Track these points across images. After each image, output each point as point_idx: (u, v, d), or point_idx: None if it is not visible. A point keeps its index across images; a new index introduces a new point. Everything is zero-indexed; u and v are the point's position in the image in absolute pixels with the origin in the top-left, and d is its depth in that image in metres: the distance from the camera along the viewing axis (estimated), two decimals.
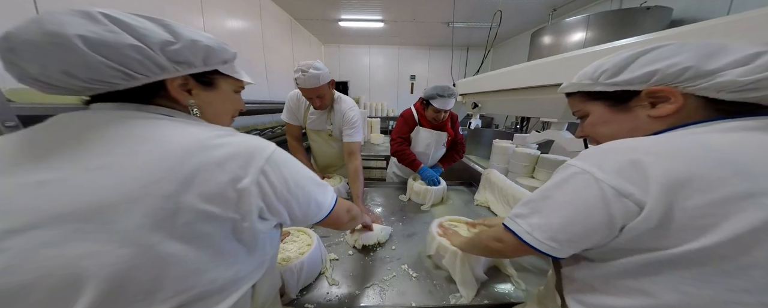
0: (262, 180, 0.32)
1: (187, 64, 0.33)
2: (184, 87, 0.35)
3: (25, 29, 0.25)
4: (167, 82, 0.33)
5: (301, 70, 0.94)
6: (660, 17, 1.84)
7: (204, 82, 0.38)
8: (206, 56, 0.35)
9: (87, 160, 0.26)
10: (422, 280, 0.67)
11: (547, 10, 2.84)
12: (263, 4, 2.64)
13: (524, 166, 1.46)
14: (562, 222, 0.33)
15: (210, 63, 0.36)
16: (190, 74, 0.35)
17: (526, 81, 0.85)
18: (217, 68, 0.38)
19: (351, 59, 4.78)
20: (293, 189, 0.36)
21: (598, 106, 0.40)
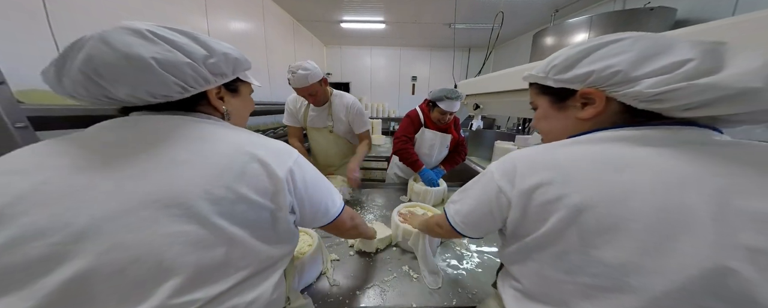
0: (290, 178, 0.37)
1: (222, 75, 0.39)
2: (218, 95, 0.40)
3: (101, 51, 0.28)
4: (208, 92, 0.38)
5: (291, 71, 1.01)
6: (664, 18, 1.82)
7: (231, 90, 0.43)
8: (235, 66, 0.41)
9: (168, 156, 0.30)
10: (422, 281, 0.66)
11: (549, 11, 2.83)
12: (266, 6, 2.67)
13: None
14: (469, 209, 0.42)
15: (236, 72, 0.42)
16: (223, 84, 0.40)
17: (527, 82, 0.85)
18: (239, 76, 0.43)
19: (352, 60, 4.80)
20: (310, 189, 0.40)
21: (544, 100, 0.42)
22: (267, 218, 0.35)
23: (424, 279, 0.66)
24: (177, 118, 0.34)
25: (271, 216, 0.35)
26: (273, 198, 0.35)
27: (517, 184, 0.34)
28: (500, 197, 0.36)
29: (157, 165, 0.29)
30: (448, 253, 0.79)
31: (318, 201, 0.43)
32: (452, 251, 0.81)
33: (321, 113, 1.22)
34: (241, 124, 0.46)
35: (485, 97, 1.25)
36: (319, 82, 1.05)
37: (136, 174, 0.29)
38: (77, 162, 0.28)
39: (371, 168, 2.64)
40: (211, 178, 0.30)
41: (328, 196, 0.46)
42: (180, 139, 0.32)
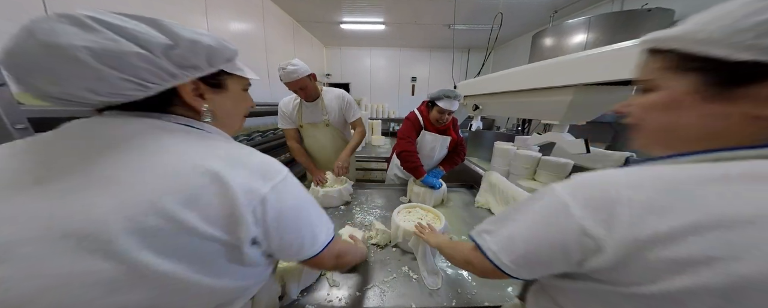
0: (259, 207, 0.30)
1: (194, 67, 0.31)
2: (196, 92, 0.33)
3: (24, 44, 0.23)
4: (179, 88, 0.32)
5: (281, 68, 1.10)
6: (662, 19, 1.84)
7: (213, 85, 0.36)
8: (210, 56, 0.33)
9: (101, 173, 0.25)
10: (422, 282, 0.66)
11: (548, 12, 2.85)
12: (266, 7, 2.67)
13: (525, 168, 1.46)
14: (526, 249, 0.30)
15: (214, 63, 0.34)
16: (199, 78, 0.33)
17: (527, 83, 0.86)
18: (222, 68, 0.35)
19: (352, 61, 4.81)
20: (285, 222, 0.33)
21: (683, 81, 0.26)
22: (218, 250, 0.29)
23: (424, 280, 0.66)
24: (144, 122, 0.29)
25: (225, 248, 0.29)
26: (230, 229, 0.28)
27: (622, 230, 0.23)
28: (584, 241, 0.25)
29: (85, 184, 0.25)
30: None
31: (291, 238, 0.35)
32: None
33: (314, 109, 1.28)
34: (235, 126, 0.41)
35: (485, 97, 1.26)
36: (308, 76, 1.14)
37: (64, 193, 0.24)
38: (17, 172, 0.25)
39: (371, 169, 2.64)
40: (143, 204, 0.24)
41: (309, 232, 0.37)
42: (128, 151, 0.27)
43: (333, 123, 1.31)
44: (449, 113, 1.19)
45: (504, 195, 1.08)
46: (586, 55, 0.63)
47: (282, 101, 1.31)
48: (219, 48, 0.33)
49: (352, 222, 0.98)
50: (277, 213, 0.32)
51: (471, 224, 1.01)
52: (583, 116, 0.77)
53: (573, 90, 0.69)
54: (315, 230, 0.39)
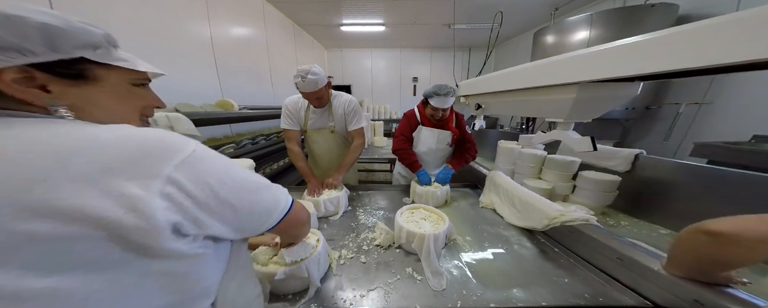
0: (171, 189, 0.25)
1: (17, 50, 0.24)
2: (28, 82, 0.26)
3: None
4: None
5: (300, 76, 1.02)
6: (666, 14, 1.80)
7: (69, 75, 0.29)
8: (50, 39, 0.26)
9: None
10: (426, 283, 0.66)
11: (549, 10, 2.83)
12: (267, 11, 2.71)
13: (531, 167, 1.44)
14: None
15: (62, 49, 0.27)
16: (33, 65, 0.26)
17: (529, 81, 0.85)
18: (83, 56, 0.29)
19: (353, 63, 4.84)
20: (224, 194, 0.29)
21: None
22: (121, 252, 0.23)
23: (429, 281, 0.66)
24: None
25: (135, 247, 0.24)
26: (134, 225, 0.23)
27: None
28: None
29: None
30: (451, 255, 0.79)
31: (249, 202, 0.32)
32: (456, 253, 0.80)
33: (322, 115, 1.25)
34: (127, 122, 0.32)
35: (487, 96, 1.25)
36: (326, 85, 1.10)
37: None
38: None
39: (373, 171, 2.64)
40: None
41: (263, 191, 0.35)
42: None
43: (338, 130, 1.28)
44: (443, 110, 1.21)
45: (509, 195, 1.07)
46: (590, 52, 0.62)
47: (288, 99, 1.23)
48: (68, 30, 0.27)
49: (356, 223, 0.97)
50: (204, 187, 0.28)
51: (475, 224, 1.00)
52: (589, 113, 0.76)
53: (577, 87, 0.68)
54: (267, 190, 0.36)
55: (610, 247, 0.68)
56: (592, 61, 0.61)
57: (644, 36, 0.50)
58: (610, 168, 1.29)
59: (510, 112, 1.12)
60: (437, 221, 0.86)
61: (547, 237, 0.88)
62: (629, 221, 1.14)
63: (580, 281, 0.67)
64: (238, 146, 1.75)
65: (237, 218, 0.32)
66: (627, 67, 0.53)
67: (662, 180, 1.15)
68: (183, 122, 1.00)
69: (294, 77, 1.03)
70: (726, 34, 0.38)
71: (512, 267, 0.73)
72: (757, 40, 0.35)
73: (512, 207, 1.03)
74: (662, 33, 0.47)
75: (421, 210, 0.93)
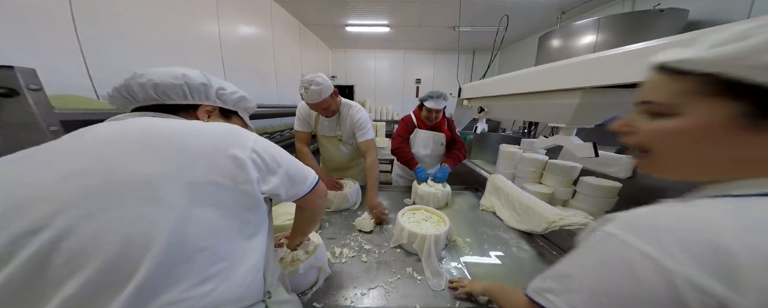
0: (255, 156, 0.40)
1: (223, 101, 0.52)
2: (208, 112, 0.50)
3: None
4: (201, 105, 0.49)
5: (303, 86, 1.00)
6: (675, 20, 1.79)
7: (225, 114, 0.53)
8: (237, 101, 0.54)
9: (148, 143, 0.35)
10: (426, 283, 0.67)
11: (556, 14, 2.82)
12: (274, 10, 2.74)
13: (532, 172, 1.44)
14: None
15: (237, 106, 0.55)
16: (220, 107, 0.52)
17: (533, 85, 0.85)
18: (237, 111, 0.55)
19: (357, 63, 4.86)
20: (281, 161, 0.45)
21: (716, 107, 0.24)
22: (235, 195, 0.37)
23: (428, 281, 0.67)
24: (163, 117, 0.42)
25: (239, 193, 0.38)
26: (237, 176, 0.37)
27: (750, 287, 0.20)
28: (703, 301, 0.21)
29: (141, 151, 0.34)
30: (451, 256, 0.80)
31: (294, 169, 0.47)
32: (456, 254, 0.81)
33: (331, 123, 1.25)
34: None
35: (490, 100, 1.26)
36: (331, 95, 1.06)
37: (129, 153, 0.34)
38: None
39: None
40: (178, 165, 0.34)
41: (300, 165, 0.50)
42: (160, 131, 0.37)
43: (346, 139, 1.29)
44: (437, 112, 1.34)
45: (509, 198, 1.07)
46: (595, 57, 0.62)
47: (301, 103, 1.22)
48: (248, 100, 0.56)
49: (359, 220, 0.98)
50: (271, 157, 0.43)
51: (475, 226, 1.01)
52: (591, 119, 0.76)
53: (581, 93, 0.68)
54: (303, 165, 0.51)
55: None
56: (597, 66, 0.62)
57: (653, 41, 0.50)
58: (611, 175, 1.28)
59: (512, 115, 1.13)
60: (438, 222, 0.87)
61: (546, 240, 0.89)
62: None
63: None
64: None
65: (288, 179, 0.46)
66: (632, 73, 0.53)
67: (663, 187, 1.14)
68: None
69: (299, 88, 1.02)
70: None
71: (511, 269, 0.74)
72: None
73: (512, 211, 1.03)
74: (671, 39, 0.47)
75: (423, 211, 0.94)
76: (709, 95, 0.25)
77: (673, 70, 0.27)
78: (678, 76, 0.27)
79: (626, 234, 0.26)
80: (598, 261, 0.27)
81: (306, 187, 0.50)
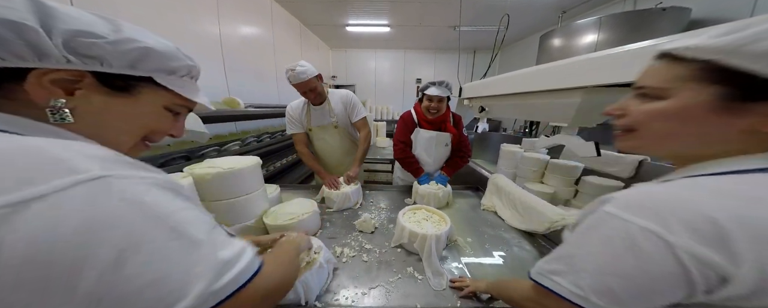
0: None
1: (101, 61, 0.25)
2: (67, 84, 0.25)
3: None
4: (32, 73, 0.23)
5: (289, 70, 1.10)
6: (677, 18, 1.78)
7: (114, 86, 0.27)
8: (137, 59, 0.27)
9: None
10: (427, 282, 0.67)
11: (556, 13, 2.81)
12: (275, 10, 2.74)
13: (533, 171, 1.43)
14: (621, 286, 0.27)
15: (140, 67, 0.28)
16: (91, 71, 0.25)
17: (535, 85, 0.85)
18: (152, 76, 0.29)
19: (358, 63, 4.86)
20: None
21: (703, 92, 0.27)
22: None
23: (429, 281, 0.67)
24: None
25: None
26: None
27: (749, 260, 0.22)
28: (703, 272, 0.23)
29: None
30: (452, 256, 0.79)
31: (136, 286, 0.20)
32: (457, 253, 0.81)
33: (322, 111, 1.30)
34: (113, 141, 0.28)
35: (491, 99, 1.25)
36: (316, 77, 1.16)
37: None
38: None
39: (376, 171, 2.65)
40: None
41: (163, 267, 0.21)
42: None
43: (341, 124, 1.34)
44: (439, 100, 1.19)
45: (510, 198, 1.07)
46: (597, 56, 0.62)
47: (290, 106, 1.32)
48: (164, 53, 0.28)
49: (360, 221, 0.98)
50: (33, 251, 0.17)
51: (476, 226, 1.00)
52: (593, 119, 0.75)
53: (582, 92, 0.68)
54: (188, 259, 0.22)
55: None
56: (599, 65, 0.61)
57: (655, 40, 0.50)
58: (613, 174, 1.28)
59: (514, 115, 1.12)
60: (439, 222, 0.87)
61: (548, 240, 0.88)
62: None
63: None
64: (244, 144, 1.77)
65: None
66: (634, 72, 0.52)
67: None
68: (191, 118, 1.03)
69: (285, 74, 1.12)
70: None
71: (512, 269, 0.73)
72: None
73: (514, 210, 1.03)
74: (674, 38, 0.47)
75: (423, 211, 0.93)
76: (699, 80, 0.27)
77: (674, 57, 0.29)
78: (676, 63, 0.29)
79: (625, 213, 0.27)
80: (601, 240, 0.29)
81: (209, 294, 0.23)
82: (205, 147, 1.46)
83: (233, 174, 0.76)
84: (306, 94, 1.20)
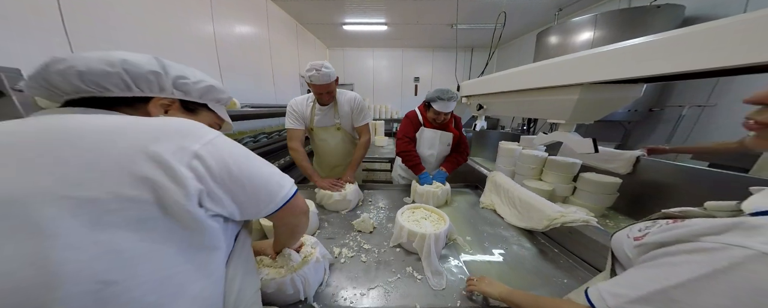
0: (197, 163, 0.31)
1: (185, 93, 0.42)
2: (167, 105, 0.41)
3: None
4: (153, 98, 0.39)
5: (315, 69, 1.07)
6: (672, 16, 1.79)
7: (188, 108, 0.45)
8: (204, 92, 0.45)
9: (43, 149, 0.26)
10: (426, 282, 0.66)
11: (553, 10, 2.81)
12: (270, 10, 2.71)
13: (531, 168, 1.44)
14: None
15: (204, 98, 0.46)
16: (180, 99, 0.42)
17: (532, 82, 0.85)
18: (207, 103, 0.47)
19: (355, 62, 4.84)
20: (240, 170, 0.35)
21: None
22: (162, 215, 0.29)
23: (428, 281, 0.66)
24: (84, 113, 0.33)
25: (170, 210, 0.29)
26: (165, 190, 0.28)
27: None
28: None
29: None
30: (451, 255, 0.79)
31: (257, 184, 0.37)
32: (456, 252, 0.80)
33: (327, 112, 1.27)
34: None
35: (489, 97, 1.25)
36: (335, 80, 1.16)
37: None
38: None
39: (374, 170, 2.64)
40: (61, 178, 0.25)
41: (269, 176, 0.40)
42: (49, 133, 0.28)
43: (344, 127, 1.31)
44: (446, 115, 1.23)
45: (509, 195, 1.07)
46: (594, 53, 0.61)
47: (294, 100, 1.26)
48: (217, 90, 0.47)
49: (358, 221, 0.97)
50: (222, 163, 0.33)
51: (475, 224, 1.00)
52: (591, 115, 0.75)
53: (580, 89, 0.68)
54: (274, 176, 0.41)
55: (610, 249, 0.68)
56: (596, 62, 0.61)
57: (651, 37, 0.50)
58: (611, 171, 1.28)
59: (512, 112, 1.12)
60: (438, 221, 0.86)
61: (547, 237, 0.88)
62: (629, 223, 1.13)
63: (579, 282, 0.67)
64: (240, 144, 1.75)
65: (248, 197, 0.37)
66: (632, 68, 0.52)
67: (663, 183, 1.14)
68: None
69: (306, 71, 1.08)
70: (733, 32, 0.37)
71: (512, 268, 0.73)
72: (764, 42, 0.35)
73: (513, 208, 1.03)
74: (669, 34, 0.47)
75: (422, 210, 0.93)
76: None
77: None
78: None
79: (747, 242, 0.20)
80: (738, 292, 0.20)
81: (274, 205, 0.40)
82: None
83: None
84: (321, 95, 1.16)
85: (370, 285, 0.65)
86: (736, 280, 0.20)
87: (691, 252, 0.23)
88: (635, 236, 0.34)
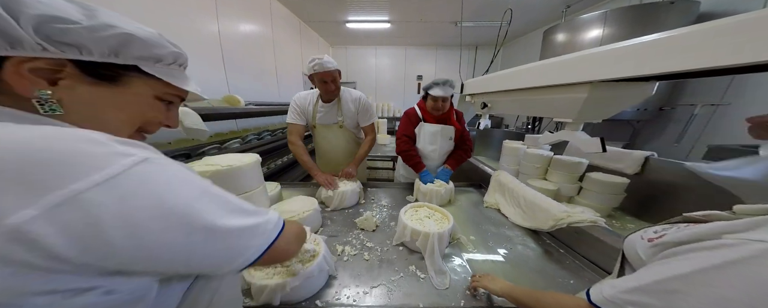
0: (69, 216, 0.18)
1: (79, 48, 0.24)
2: (49, 73, 0.24)
3: None
4: (8, 61, 0.22)
5: (316, 59, 1.10)
6: (686, 12, 1.74)
7: (100, 75, 0.26)
8: (119, 46, 0.26)
9: None
10: (430, 281, 0.66)
11: (560, 7, 2.75)
12: (273, 7, 2.71)
13: (536, 168, 1.42)
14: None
15: (123, 55, 0.27)
16: (72, 60, 0.24)
17: (538, 80, 0.83)
18: (136, 64, 0.28)
19: (358, 60, 4.82)
20: (153, 226, 0.21)
21: None
22: None
23: (432, 280, 0.66)
24: None
25: None
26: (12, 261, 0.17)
27: None
28: None
29: None
30: (455, 254, 0.79)
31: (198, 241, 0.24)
32: (460, 252, 0.80)
33: (330, 109, 1.26)
34: (111, 133, 0.24)
35: (493, 95, 1.23)
36: (338, 72, 1.17)
37: None
38: None
39: (377, 168, 2.64)
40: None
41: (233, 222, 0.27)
42: None
43: (347, 126, 1.30)
44: (443, 100, 1.21)
45: (513, 195, 1.06)
46: (605, 50, 0.60)
47: (298, 95, 1.26)
48: (146, 40, 0.28)
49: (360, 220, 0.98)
50: (118, 219, 0.20)
51: (479, 224, 0.99)
52: (600, 114, 0.74)
53: (589, 87, 0.66)
54: (244, 229, 0.28)
55: (619, 250, 0.67)
56: (607, 59, 0.59)
57: (664, 33, 0.48)
58: (619, 171, 1.26)
59: (517, 111, 1.10)
60: (441, 220, 0.86)
61: (553, 238, 0.87)
62: (636, 224, 1.11)
63: (586, 283, 0.66)
64: (244, 141, 1.77)
65: (185, 259, 0.24)
66: (645, 66, 0.51)
67: (673, 183, 1.11)
68: (191, 116, 1.02)
69: (309, 62, 1.09)
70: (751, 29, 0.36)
71: (516, 268, 0.73)
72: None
73: (517, 208, 1.02)
74: (688, 29, 0.45)
75: (425, 209, 0.92)
76: None
77: None
78: None
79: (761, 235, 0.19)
80: (748, 285, 0.19)
81: (237, 265, 0.28)
82: (206, 145, 1.46)
83: (232, 171, 0.76)
84: (326, 85, 1.15)
85: (372, 284, 0.65)
86: (747, 273, 0.19)
87: (712, 248, 0.22)
88: (650, 237, 0.33)
